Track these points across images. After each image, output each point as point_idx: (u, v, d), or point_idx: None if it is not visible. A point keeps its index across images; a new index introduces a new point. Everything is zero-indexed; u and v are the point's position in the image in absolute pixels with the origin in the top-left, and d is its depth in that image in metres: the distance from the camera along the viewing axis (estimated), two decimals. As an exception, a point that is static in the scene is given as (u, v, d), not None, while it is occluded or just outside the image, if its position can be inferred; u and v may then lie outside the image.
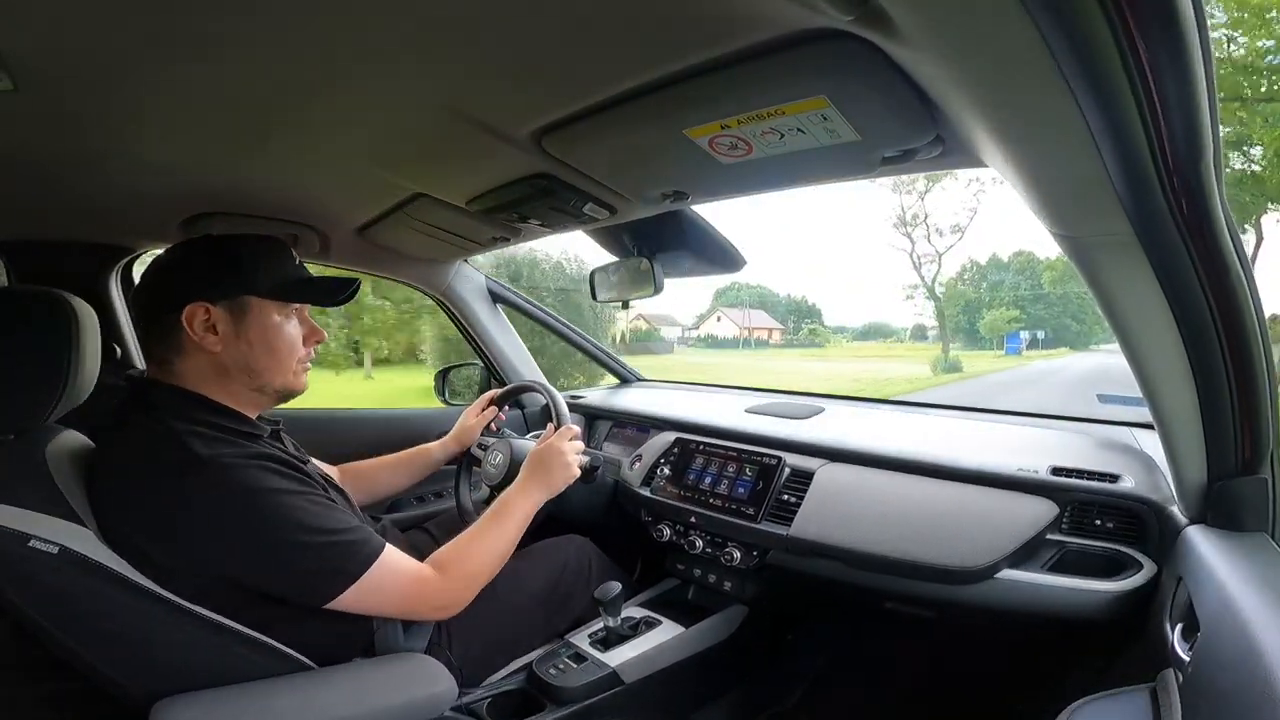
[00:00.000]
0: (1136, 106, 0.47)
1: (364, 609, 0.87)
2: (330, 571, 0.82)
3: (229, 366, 0.88)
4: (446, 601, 0.94)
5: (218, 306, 0.87)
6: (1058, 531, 1.04)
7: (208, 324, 0.86)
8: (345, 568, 0.83)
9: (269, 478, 0.82)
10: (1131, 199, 0.56)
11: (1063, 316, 37.32)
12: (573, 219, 1.15)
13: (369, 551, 0.85)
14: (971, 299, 38.87)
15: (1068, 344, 36.26)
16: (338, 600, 0.83)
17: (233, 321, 0.88)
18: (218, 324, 0.87)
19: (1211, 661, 0.61)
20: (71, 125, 0.82)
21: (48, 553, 0.69)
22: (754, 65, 0.62)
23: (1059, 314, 37.74)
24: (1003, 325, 34.38)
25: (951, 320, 34.22)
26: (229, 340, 0.88)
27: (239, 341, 0.88)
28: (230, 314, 0.88)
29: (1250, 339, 0.66)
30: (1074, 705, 0.69)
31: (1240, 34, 8.28)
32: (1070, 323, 36.91)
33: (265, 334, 0.90)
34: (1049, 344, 36.29)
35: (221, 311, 0.87)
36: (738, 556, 1.27)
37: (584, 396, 2.01)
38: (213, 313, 0.86)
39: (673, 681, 1.21)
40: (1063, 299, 36.46)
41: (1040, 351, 33.83)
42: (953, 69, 0.54)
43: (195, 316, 0.85)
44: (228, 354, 0.88)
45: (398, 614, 0.93)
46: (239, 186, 1.12)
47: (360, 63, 0.67)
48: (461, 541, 0.99)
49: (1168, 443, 0.84)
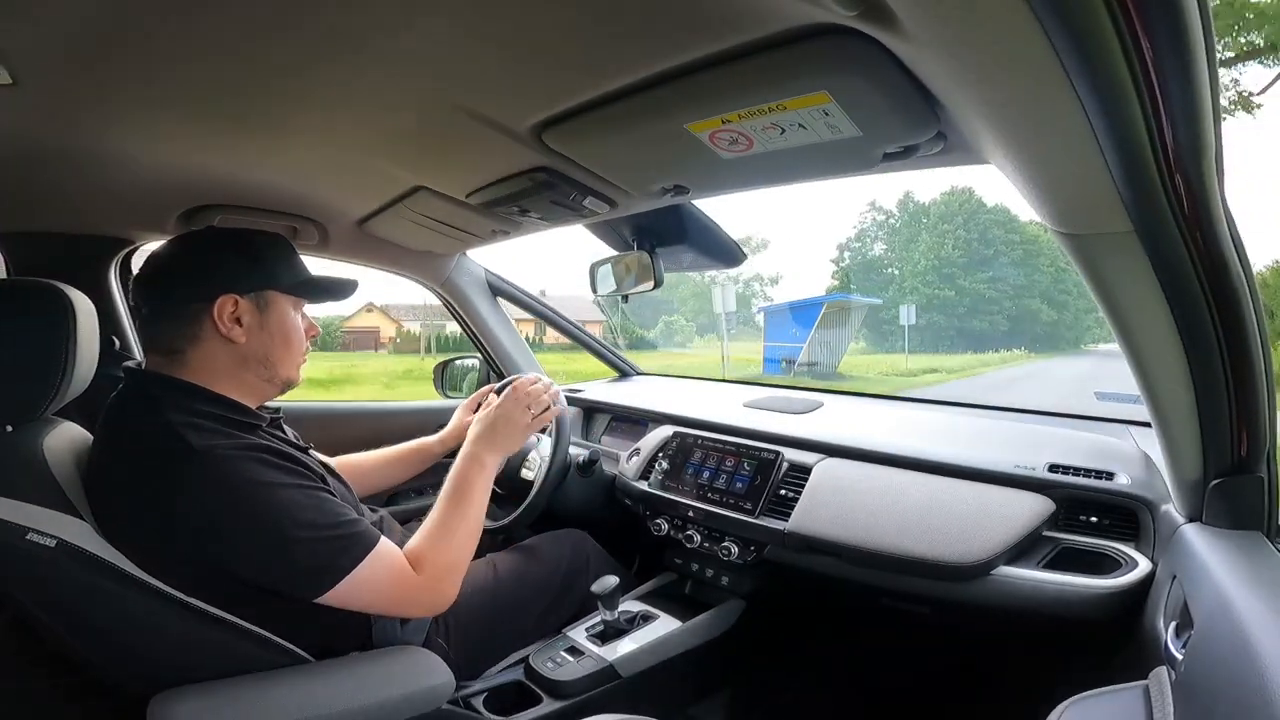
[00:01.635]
0: (1139, 104, 0.46)
1: (354, 606, 0.87)
2: (319, 568, 0.82)
3: (248, 357, 0.91)
4: (432, 601, 0.93)
5: (245, 299, 0.90)
6: (1054, 528, 1.05)
7: (234, 315, 0.89)
8: (335, 563, 0.82)
9: (264, 470, 0.82)
10: (1132, 197, 0.56)
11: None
12: (573, 213, 1.14)
13: (359, 549, 0.84)
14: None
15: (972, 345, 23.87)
16: (327, 597, 0.83)
17: (258, 314, 0.91)
18: (243, 316, 0.89)
19: (1205, 659, 0.61)
20: (70, 119, 0.82)
21: (45, 546, 0.69)
22: (756, 60, 0.62)
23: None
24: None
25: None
26: (253, 332, 0.90)
27: (262, 333, 0.92)
28: (256, 307, 0.91)
29: (1249, 338, 0.66)
30: (1067, 702, 0.70)
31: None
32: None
33: (283, 327, 0.94)
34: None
35: (249, 304, 0.90)
36: (735, 551, 1.27)
37: (582, 390, 2.01)
38: (240, 305, 0.89)
39: (670, 675, 1.22)
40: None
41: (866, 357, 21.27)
42: (955, 65, 0.54)
43: (225, 309, 0.88)
44: (250, 345, 0.90)
45: (387, 612, 0.93)
46: (238, 179, 1.11)
47: (361, 56, 0.67)
48: (430, 536, 0.96)
49: (1164, 440, 0.84)
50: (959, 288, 25.83)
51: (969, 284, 25.78)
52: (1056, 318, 25.47)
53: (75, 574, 0.71)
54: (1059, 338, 25.83)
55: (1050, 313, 25.20)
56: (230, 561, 0.80)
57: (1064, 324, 25.77)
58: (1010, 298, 25.23)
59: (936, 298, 26.03)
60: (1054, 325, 25.64)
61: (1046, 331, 25.52)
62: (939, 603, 1.10)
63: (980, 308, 25.37)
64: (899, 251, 28.92)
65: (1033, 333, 25.27)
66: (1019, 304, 25.23)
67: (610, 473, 1.54)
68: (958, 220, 26.75)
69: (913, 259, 27.39)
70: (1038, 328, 25.36)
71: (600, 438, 1.87)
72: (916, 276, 27.05)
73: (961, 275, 25.95)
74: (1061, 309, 25.40)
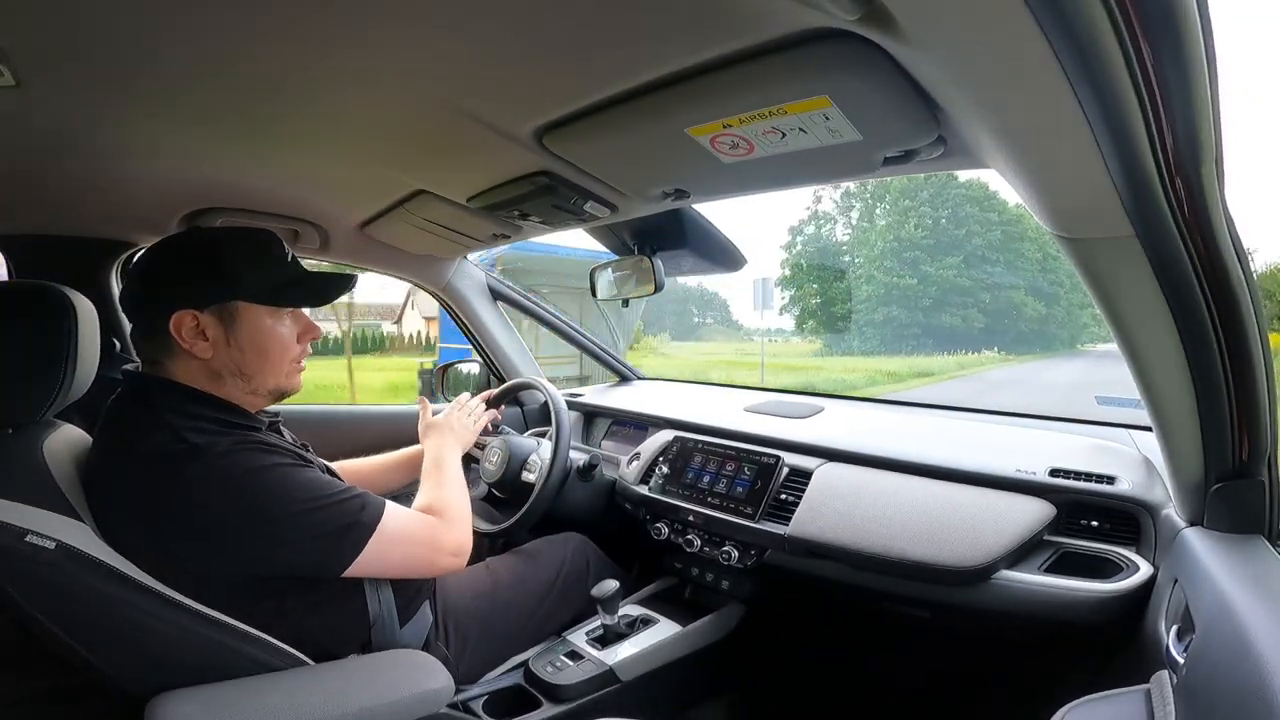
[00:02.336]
0: (1139, 108, 0.47)
1: (385, 566, 0.88)
2: (343, 530, 0.83)
3: (220, 371, 0.87)
4: (457, 543, 0.98)
5: (206, 313, 0.85)
6: (1055, 532, 1.05)
7: (197, 330, 0.85)
8: (360, 521, 0.84)
9: (266, 457, 0.82)
10: (1133, 201, 0.56)
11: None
12: (574, 217, 1.15)
13: (375, 508, 0.87)
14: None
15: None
16: (359, 560, 0.83)
17: (222, 327, 0.86)
18: (207, 330, 0.85)
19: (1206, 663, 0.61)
20: (72, 121, 0.82)
21: (45, 548, 0.69)
22: (757, 64, 0.62)
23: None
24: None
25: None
26: (219, 346, 0.86)
27: (230, 347, 0.87)
28: (219, 319, 0.86)
29: (1249, 342, 0.66)
30: (1068, 706, 0.69)
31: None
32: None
33: (256, 338, 0.88)
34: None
35: (210, 317, 0.85)
36: (735, 555, 1.27)
37: (583, 394, 2.01)
38: (201, 319, 0.85)
39: (669, 679, 1.22)
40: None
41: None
42: (956, 69, 0.54)
43: (183, 324, 0.84)
44: (219, 359, 0.86)
45: (420, 566, 0.94)
46: (240, 182, 1.12)
47: (362, 59, 0.67)
48: (428, 493, 1.05)
49: (1165, 445, 0.84)
50: (923, 275, 21.08)
51: (935, 270, 20.72)
52: (1046, 313, 19.99)
53: (75, 576, 0.71)
54: (1050, 336, 20.73)
55: (1038, 307, 19.56)
56: (249, 553, 0.79)
57: (1055, 320, 20.38)
58: (987, 288, 20.22)
59: (896, 287, 21.15)
60: (1042, 321, 20.14)
61: (1033, 329, 20.23)
62: (939, 607, 1.10)
63: (950, 300, 20.68)
64: (858, 235, 23.73)
65: (1016, 330, 20.08)
66: (998, 296, 19.63)
67: (610, 477, 1.53)
68: (922, 195, 22.22)
69: (869, 242, 22.11)
70: (1022, 324, 19.94)
71: (600, 442, 1.87)
72: (873, 262, 22.17)
73: (927, 260, 21.03)
74: (1052, 303, 19.93)
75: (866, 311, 20.37)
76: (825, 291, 20.84)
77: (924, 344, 20.40)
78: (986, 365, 17.68)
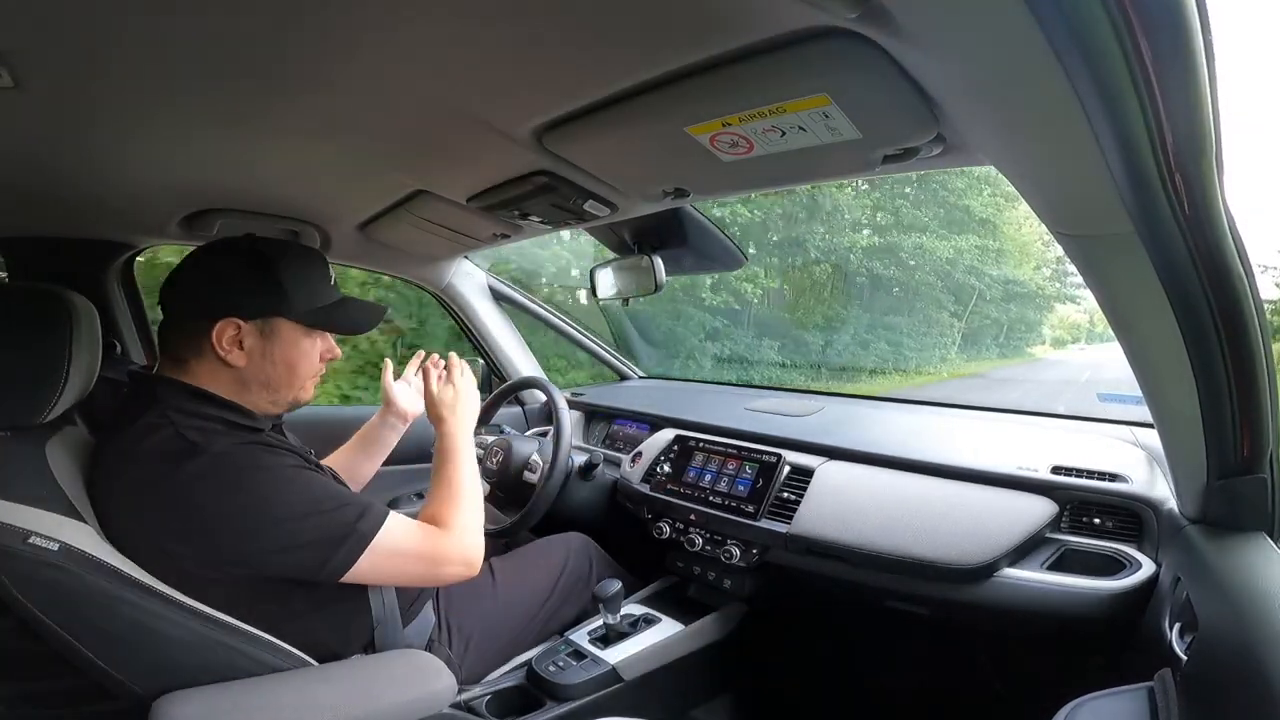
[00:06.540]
0: (1139, 104, 0.46)
1: (383, 576, 0.87)
2: (338, 539, 0.81)
3: (248, 380, 0.88)
4: (463, 555, 0.92)
5: (249, 324, 0.86)
6: (1057, 530, 1.05)
7: (235, 339, 0.86)
8: (357, 530, 0.82)
9: (269, 456, 0.82)
10: (1133, 197, 0.56)
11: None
12: (573, 216, 1.15)
13: (375, 519, 0.84)
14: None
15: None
16: (357, 567, 0.82)
17: (261, 340, 0.87)
18: (245, 340, 0.86)
19: (1209, 660, 0.61)
20: (71, 122, 0.82)
21: (48, 550, 0.69)
22: (756, 63, 0.62)
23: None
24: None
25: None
26: (254, 357, 0.87)
27: (264, 360, 0.88)
28: (260, 333, 0.87)
29: (1251, 339, 0.66)
30: (1072, 704, 0.69)
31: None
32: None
33: (290, 355, 0.90)
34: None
35: (252, 329, 0.86)
36: (737, 554, 1.27)
37: (584, 393, 2.01)
38: (243, 329, 0.86)
39: (672, 679, 1.22)
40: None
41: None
42: (955, 68, 0.54)
43: (225, 332, 0.85)
44: (250, 370, 0.87)
45: (421, 578, 0.92)
46: (240, 184, 1.12)
47: (362, 60, 0.67)
48: (437, 498, 0.97)
49: (1167, 442, 0.84)
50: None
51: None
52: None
53: (78, 577, 0.71)
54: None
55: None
56: (248, 551, 0.79)
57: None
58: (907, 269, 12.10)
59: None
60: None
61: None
62: (942, 605, 1.10)
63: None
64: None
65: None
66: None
67: (611, 476, 1.53)
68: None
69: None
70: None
71: (601, 441, 1.87)
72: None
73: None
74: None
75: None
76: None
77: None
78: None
